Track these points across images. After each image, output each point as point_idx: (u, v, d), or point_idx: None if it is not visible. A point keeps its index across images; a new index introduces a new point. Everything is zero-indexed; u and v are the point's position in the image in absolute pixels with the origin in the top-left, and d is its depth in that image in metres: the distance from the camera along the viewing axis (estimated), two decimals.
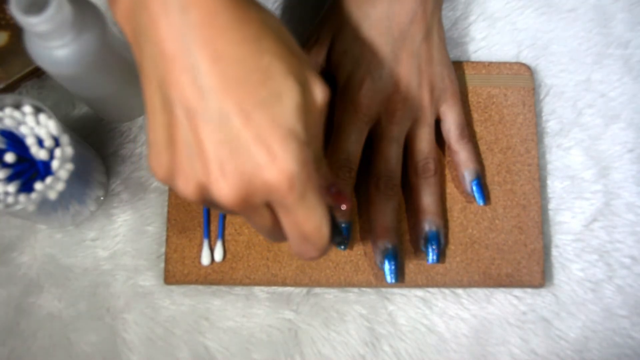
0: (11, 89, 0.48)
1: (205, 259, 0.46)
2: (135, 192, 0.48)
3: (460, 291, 0.47)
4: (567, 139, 0.49)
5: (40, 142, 0.40)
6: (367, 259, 0.46)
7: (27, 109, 0.40)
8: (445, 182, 0.47)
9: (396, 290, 0.46)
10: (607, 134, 0.49)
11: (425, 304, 0.46)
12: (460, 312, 0.46)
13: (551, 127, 0.49)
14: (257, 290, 0.46)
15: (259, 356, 0.45)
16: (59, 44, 0.36)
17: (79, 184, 0.42)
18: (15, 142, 0.41)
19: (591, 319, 0.46)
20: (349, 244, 0.46)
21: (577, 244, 0.47)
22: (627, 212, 0.48)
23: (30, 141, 0.40)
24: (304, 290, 0.46)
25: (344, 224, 0.44)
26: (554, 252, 0.47)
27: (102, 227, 0.47)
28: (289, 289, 0.46)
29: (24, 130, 0.40)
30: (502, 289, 0.47)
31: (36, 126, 0.40)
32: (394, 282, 0.44)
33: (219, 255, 0.46)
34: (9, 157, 0.40)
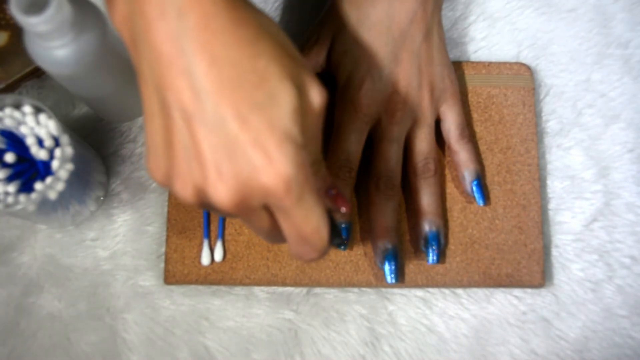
0: (11, 89, 0.48)
1: (205, 259, 0.46)
2: (135, 192, 0.48)
3: (460, 291, 0.47)
4: (567, 139, 0.49)
5: (40, 142, 0.40)
6: (367, 259, 0.46)
7: (27, 109, 0.40)
8: (445, 182, 0.47)
9: (396, 290, 0.46)
10: (607, 134, 0.49)
11: (425, 304, 0.46)
12: (460, 312, 0.46)
13: (551, 127, 0.49)
14: (257, 290, 0.46)
15: (259, 356, 0.45)
16: (59, 44, 0.36)
17: (79, 184, 0.42)
18: (15, 142, 0.41)
19: (591, 319, 0.46)
20: (349, 244, 0.46)
21: (577, 244, 0.47)
22: (627, 212, 0.48)
23: (30, 141, 0.40)
24: (304, 290, 0.46)
25: (344, 225, 0.44)
26: (554, 252, 0.47)
27: (102, 227, 0.47)
28: (289, 289, 0.46)
29: (24, 130, 0.40)
30: (502, 289, 0.47)
31: (36, 126, 0.40)
32: (394, 283, 0.44)
33: (219, 255, 0.46)
34: (9, 157, 0.40)
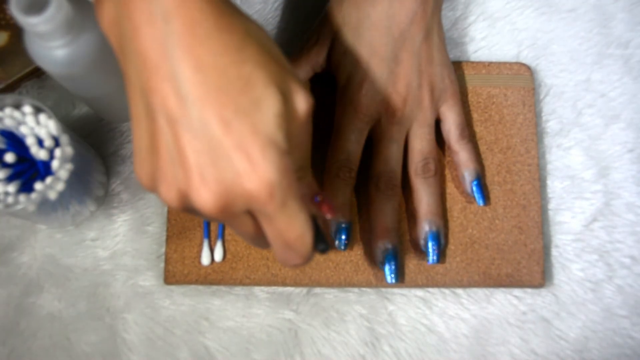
0: (11, 89, 0.48)
1: (205, 259, 0.46)
2: (135, 192, 0.48)
3: (460, 291, 0.47)
4: (567, 139, 0.49)
5: (40, 142, 0.40)
6: (367, 259, 0.46)
7: (27, 109, 0.40)
8: (445, 182, 0.47)
9: (396, 290, 0.46)
10: (607, 134, 0.49)
11: (425, 304, 0.46)
12: (460, 312, 0.46)
13: (551, 127, 0.49)
14: (257, 290, 0.46)
15: (259, 356, 0.45)
16: (59, 44, 0.36)
17: (79, 184, 0.42)
18: (15, 142, 0.41)
19: (591, 319, 0.46)
20: (349, 244, 0.46)
21: (577, 244, 0.47)
22: (627, 212, 0.48)
23: (30, 141, 0.40)
24: (304, 290, 0.46)
25: (343, 225, 0.44)
26: (554, 252, 0.47)
27: (102, 227, 0.47)
28: (289, 289, 0.46)
29: (24, 130, 0.40)
30: (502, 289, 0.47)
31: (36, 126, 0.40)
32: (394, 283, 0.44)
33: (219, 255, 0.46)
34: (9, 157, 0.40)
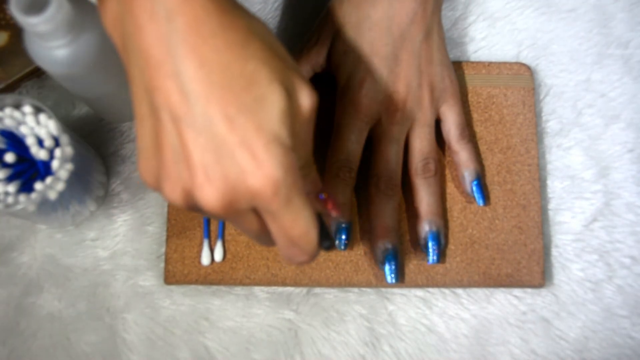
0: (11, 89, 0.48)
1: (205, 259, 0.46)
2: (135, 192, 0.48)
3: (460, 291, 0.47)
4: (567, 139, 0.49)
5: (40, 142, 0.40)
6: (367, 259, 0.46)
7: (27, 109, 0.40)
8: (445, 182, 0.47)
9: (396, 290, 0.46)
10: (607, 134, 0.49)
11: (425, 304, 0.46)
12: (460, 312, 0.46)
13: (551, 127, 0.49)
14: (257, 290, 0.46)
15: (259, 356, 0.45)
16: (59, 44, 0.36)
17: (79, 183, 0.42)
18: (15, 142, 0.41)
19: (591, 319, 0.46)
20: (349, 244, 0.46)
21: (577, 244, 0.47)
22: (627, 212, 0.48)
23: (30, 141, 0.40)
24: (304, 290, 0.46)
25: (344, 224, 0.44)
26: (554, 252, 0.47)
27: (102, 227, 0.47)
28: (289, 289, 0.46)
29: (24, 130, 0.40)
30: (502, 289, 0.47)
31: (36, 126, 0.40)
32: (394, 283, 0.44)
33: (219, 255, 0.46)
34: (9, 157, 0.40)
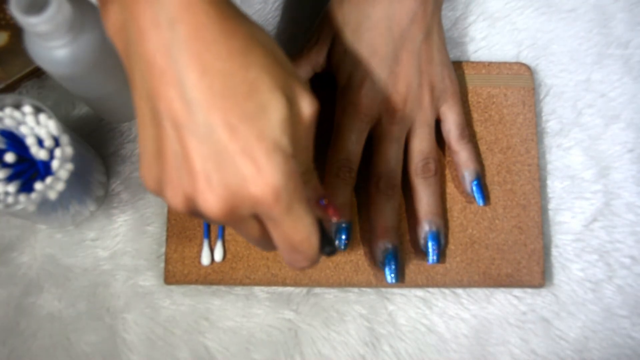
0: (11, 89, 0.48)
1: (205, 259, 0.46)
2: (135, 192, 0.48)
3: (460, 291, 0.47)
4: (567, 139, 0.49)
5: (40, 142, 0.40)
6: (367, 259, 0.46)
7: (27, 109, 0.40)
8: (445, 182, 0.47)
9: (396, 290, 0.46)
10: (607, 134, 0.49)
11: (425, 304, 0.46)
12: (460, 312, 0.46)
13: (551, 127, 0.49)
14: (257, 290, 0.46)
15: (259, 356, 0.45)
16: (59, 44, 0.36)
17: (79, 184, 0.42)
18: (15, 142, 0.41)
19: (591, 319, 0.46)
20: (349, 244, 0.46)
21: (577, 244, 0.47)
22: (627, 212, 0.48)
23: (30, 141, 0.40)
24: (304, 290, 0.46)
25: (344, 225, 0.44)
26: (554, 252, 0.47)
27: (102, 227, 0.47)
28: (289, 289, 0.46)
29: (24, 130, 0.40)
30: (502, 289, 0.47)
31: (36, 126, 0.40)
32: (394, 283, 0.44)
33: (219, 255, 0.46)
34: (9, 157, 0.40)
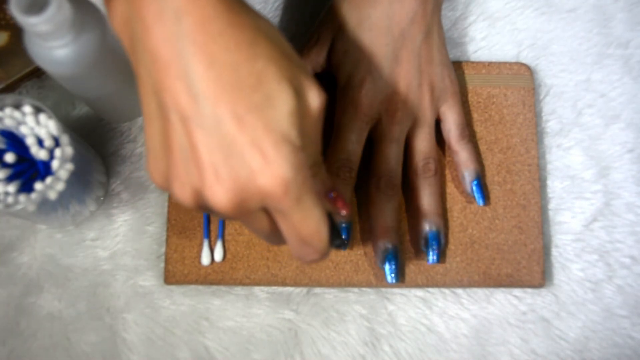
0: (11, 89, 0.48)
1: (205, 259, 0.46)
2: (135, 192, 0.48)
3: (460, 291, 0.47)
4: (567, 139, 0.49)
5: (40, 142, 0.40)
6: (367, 259, 0.46)
7: (27, 109, 0.40)
8: (445, 182, 0.47)
9: (396, 290, 0.46)
10: (607, 134, 0.49)
11: (425, 304, 0.46)
12: (460, 312, 0.46)
13: (551, 127, 0.49)
14: (257, 290, 0.46)
15: (259, 356, 0.45)
16: (59, 44, 0.36)
17: (79, 184, 0.42)
18: (15, 142, 0.41)
19: (591, 319, 0.46)
20: (349, 244, 0.46)
21: (577, 244, 0.47)
22: (627, 212, 0.48)
23: (30, 141, 0.40)
24: (304, 290, 0.46)
25: (344, 224, 0.44)
26: (554, 252, 0.47)
27: (102, 227, 0.47)
28: (289, 289, 0.46)
29: (24, 130, 0.40)
30: (502, 289, 0.47)
31: (36, 126, 0.40)
32: (394, 282, 0.44)
33: (219, 255, 0.46)
34: (9, 157, 0.40)
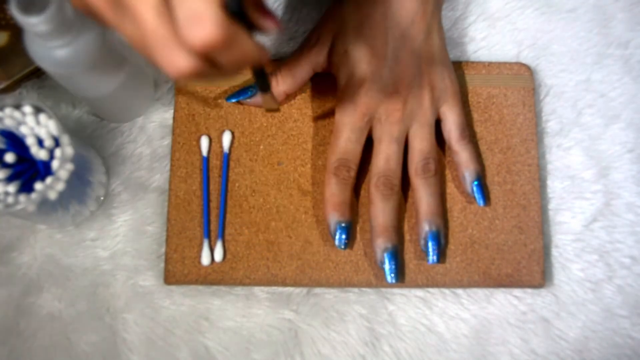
0: (11, 89, 0.48)
1: (205, 259, 0.46)
2: (135, 192, 0.48)
3: (460, 291, 0.47)
4: (567, 139, 0.49)
5: (40, 142, 0.40)
6: (367, 259, 0.46)
7: (27, 109, 0.40)
8: (445, 182, 0.47)
9: (396, 290, 0.46)
10: (607, 134, 0.49)
11: (425, 304, 0.46)
12: (460, 312, 0.46)
13: (551, 127, 0.49)
14: (257, 290, 0.46)
15: (259, 356, 0.45)
16: (59, 44, 0.36)
17: (79, 184, 0.42)
18: (15, 142, 0.41)
19: (591, 319, 0.46)
20: (349, 243, 0.46)
21: (577, 244, 0.47)
22: (627, 212, 0.48)
23: (30, 141, 0.40)
24: (304, 290, 0.46)
25: (344, 224, 0.44)
26: (554, 252, 0.47)
27: (102, 227, 0.47)
28: (289, 289, 0.46)
29: (24, 130, 0.40)
30: (502, 289, 0.47)
31: (36, 126, 0.40)
32: (394, 282, 0.44)
33: (219, 255, 0.46)
34: (9, 157, 0.40)
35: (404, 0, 0.43)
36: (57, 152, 0.40)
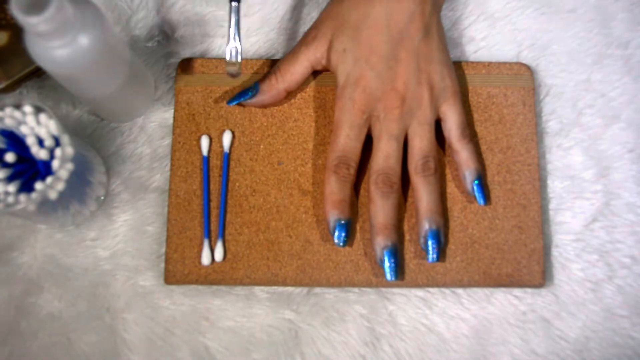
0: (11, 89, 0.48)
1: (205, 259, 0.46)
2: (135, 192, 0.48)
3: (460, 291, 0.47)
4: (567, 139, 0.49)
5: (40, 142, 0.40)
6: (367, 259, 0.46)
7: (28, 108, 0.40)
8: (445, 181, 0.47)
9: (396, 290, 0.46)
10: (607, 134, 0.49)
11: (425, 304, 0.46)
12: (460, 312, 0.46)
13: (551, 127, 0.49)
14: (257, 290, 0.46)
15: (259, 356, 0.45)
16: (59, 44, 0.36)
17: (79, 184, 0.42)
18: (15, 141, 0.41)
19: (591, 319, 0.46)
20: (349, 241, 0.46)
21: (577, 244, 0.47)
22: (627, 212, 0.48)
23: (30, 141, 0.40)
24: (304, 290, 0.46)
25: (343, 221, 0.44)
26: (554, 252, 0.47)
27: (102, 227, 0.47)
28: (289, 289, 0.46)
29: (24, 130, 0.40)
30: (502, 289, 0.47)
31: (36, 126, 0.40)
32: (393, 280, 0.44)
33: (219, 255, 0.46)
34: (9, 157, 0.40)
35: (402, 0, 0.43)
36: (58, 152, 0.40)
